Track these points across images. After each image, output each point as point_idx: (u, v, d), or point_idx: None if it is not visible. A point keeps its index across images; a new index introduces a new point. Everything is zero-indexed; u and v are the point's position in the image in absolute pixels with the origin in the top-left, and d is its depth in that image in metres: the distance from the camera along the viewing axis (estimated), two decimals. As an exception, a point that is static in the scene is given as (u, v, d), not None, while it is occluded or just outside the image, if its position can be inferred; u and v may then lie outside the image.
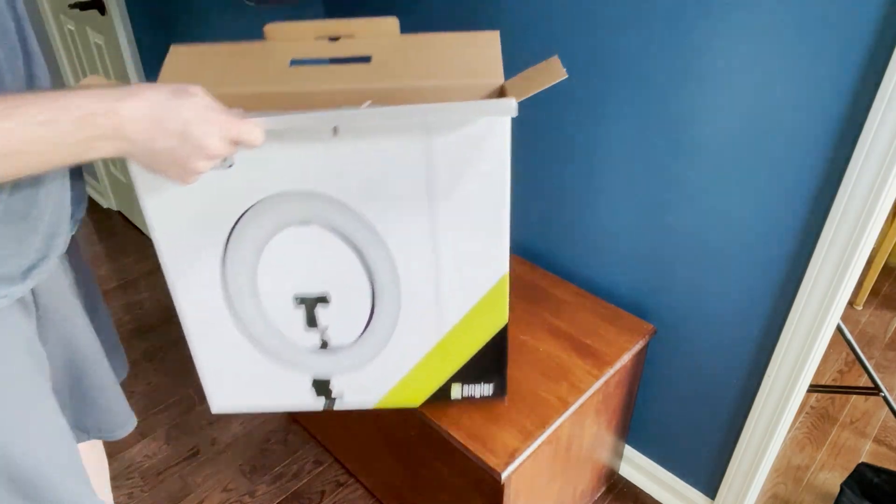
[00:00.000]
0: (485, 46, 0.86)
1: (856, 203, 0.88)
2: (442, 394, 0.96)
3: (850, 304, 2.09)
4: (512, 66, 0.96)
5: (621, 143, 1.13)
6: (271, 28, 0.87)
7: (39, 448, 0.70)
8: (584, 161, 1.21)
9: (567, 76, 0.73)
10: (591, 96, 1.14)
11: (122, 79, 1.85)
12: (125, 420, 0.94)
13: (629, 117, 1.10)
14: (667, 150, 1.07)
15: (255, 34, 0.89)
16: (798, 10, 0.84)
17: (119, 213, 2.59)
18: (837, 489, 1.41)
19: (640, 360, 1.23)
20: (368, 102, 0.77)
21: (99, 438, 0.92)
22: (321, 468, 1.53)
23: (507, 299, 0.87)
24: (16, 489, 0.68)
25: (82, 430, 0.89)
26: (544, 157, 1.28)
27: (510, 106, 0.69)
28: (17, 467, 0.67)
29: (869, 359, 1.86)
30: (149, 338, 1.93)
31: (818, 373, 1.81)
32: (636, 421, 1.40)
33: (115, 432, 0.93)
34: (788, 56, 0.87)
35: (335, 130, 0.73)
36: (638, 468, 1.46)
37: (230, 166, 0.75)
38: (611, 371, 1.08)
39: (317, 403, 0.97)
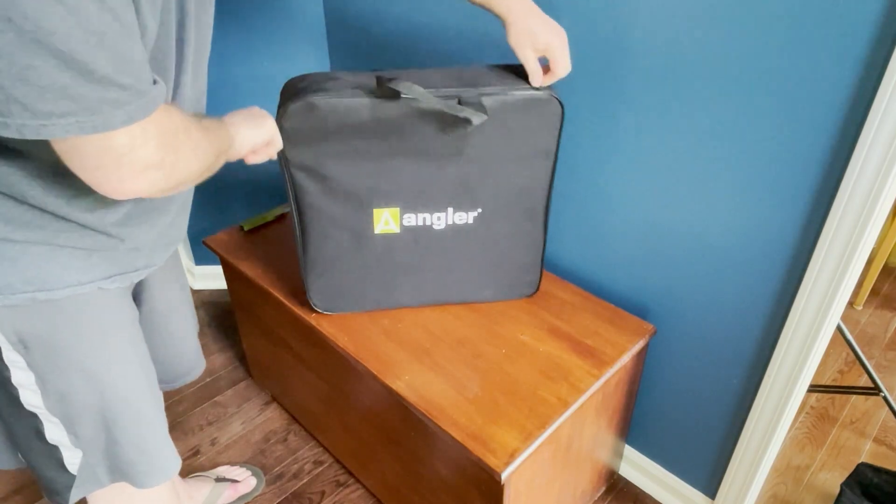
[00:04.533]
0: None
1: (856, 203, 0.88)
2: None
3: (850, 304, 2.09)
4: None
5: (621, 143, 1.13)
6: None
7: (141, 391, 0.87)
8: (584, 161, 1.21)
9: None
10: (590, 98, 1.14)
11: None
12: (193, 366, 1.13)
13: (629, 118, 1.10)
14: (667, 149, 1.07)
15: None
16: (798, 8, 0.84)
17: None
18: (837, 489, 1.41)
19: (640, 360, 1.23)
20: None
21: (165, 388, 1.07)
22: (321, 468, 1.53)
23: None
24: (105, 425, 0.83)
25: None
26: (544, 157, 1.28)
27: None
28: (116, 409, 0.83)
29: (869, 359, 1.86)
30: (149, 338, 1.93)
31: (818, 373, 1.81)
32: (636, 421, 1.40)
33: (184, 378, 1.11)
34: (788, 55, 0.87)
35: None
36: (638, 468, 1.46)
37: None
38: (611, 371, 1.08)
39: None
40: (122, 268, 0.78)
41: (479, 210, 1.10)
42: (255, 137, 0.84)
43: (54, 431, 0.80)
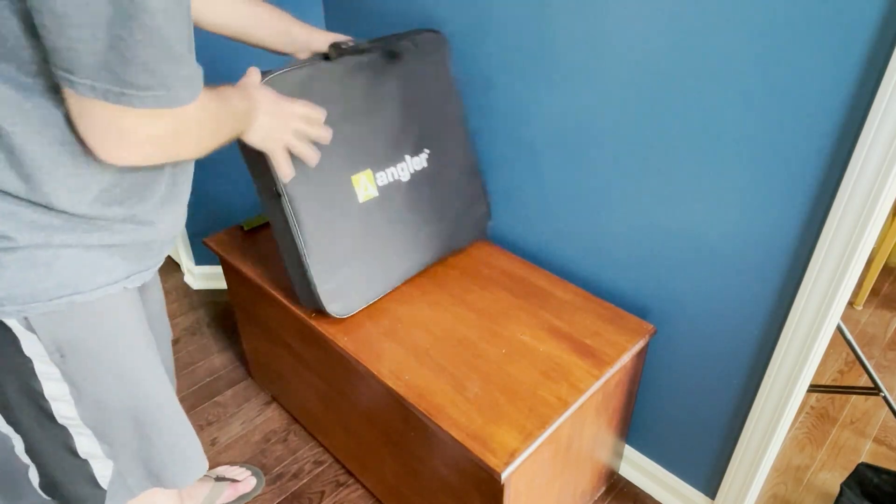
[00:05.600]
0: None
1: (856, 203, 0.88)
2: None
3: (850, 304, 2.09)
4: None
5: (621, 142, 1.13)
6: None
7: (163, 390, 0.87)
8: (584, 161, 1.21)
9: None
10: (589, 96, 1.14)
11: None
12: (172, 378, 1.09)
13: (628, 117, 1.10)
14: (667, 149, 1.07)
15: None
16: (799, 8, 0.84)
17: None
18: (837, 489, 1.41)
19: (640, 360, 1.23)
20: None
21: None
22: (321, 468, 1.53)
23: None
24: (136, 422, 0.83)
25: None
26: (543, 157, 1.28)
27: None
28: (147, 408, 0.83)
29: (869, 359, 1.86)
30: (149, 338, 1.93)
31: (818, 373, 1.81)
32: (636, 421, 1.40)
33: None
34: (788, 56, 0.87)
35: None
36: (638, 468, 1.46)
37: None
38: (611, 371, 1.08)
39: None
40: (138, 266, 0.78)
41: (427, 151, 1.22)
42: (262, 143, 0.89)
43: (86, 444, 0.79)
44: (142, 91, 0.56)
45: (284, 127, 0.92)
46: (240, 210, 1.96)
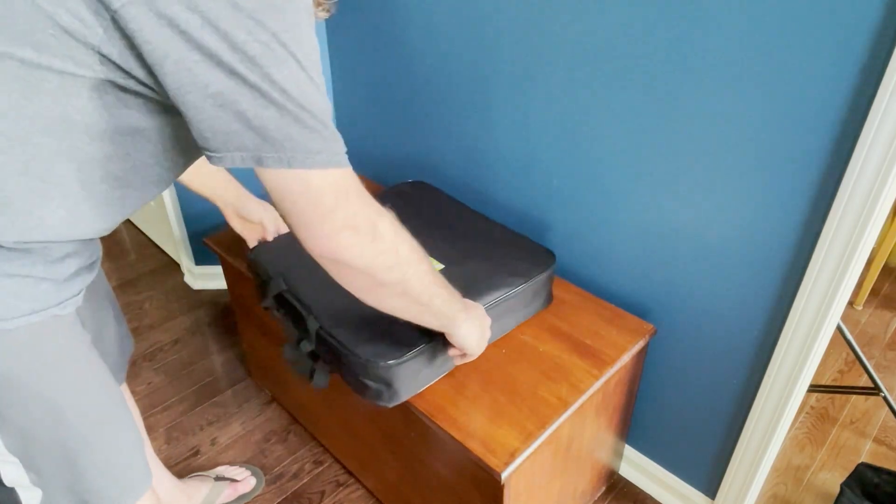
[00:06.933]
0: None
1: (856, 203, 0.88)
2: None
3: (850, 304, 2.09)
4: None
5: (621, 142, 1.13)
6: None
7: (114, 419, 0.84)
8: (584, 161, 1.21)
9: None
10: (590, 94, 1.14)
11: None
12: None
13: (628, 117, 1.10)
14: (666, 149, 1.07)
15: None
16: (799, 7, 0.84)
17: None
18: (837, 489, 1.41)
19: (640, 360, 1.23)
20: None
21: None
22: (321, 468, 1.53)
23: None
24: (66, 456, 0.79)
25: None
26: (543, 157, 1.28)
27: None
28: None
29: (869, 359, 1.86)
30: (149, 338, 1.93)
31: (818, 373, 1.81)
32: (636, 421, 1.40)
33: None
34: (788, 55, 0.87)
35: None
36: (638, 468, 1.46)
37: None
38: (611, 371, 1.08)
39: None
40: (71, 291, 0.74)
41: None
42: (472, 343, 0.95)
43: (12, 472, 0.76)
44: (275, 153, 0.60)
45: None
46: (240, 210, 1.96)
